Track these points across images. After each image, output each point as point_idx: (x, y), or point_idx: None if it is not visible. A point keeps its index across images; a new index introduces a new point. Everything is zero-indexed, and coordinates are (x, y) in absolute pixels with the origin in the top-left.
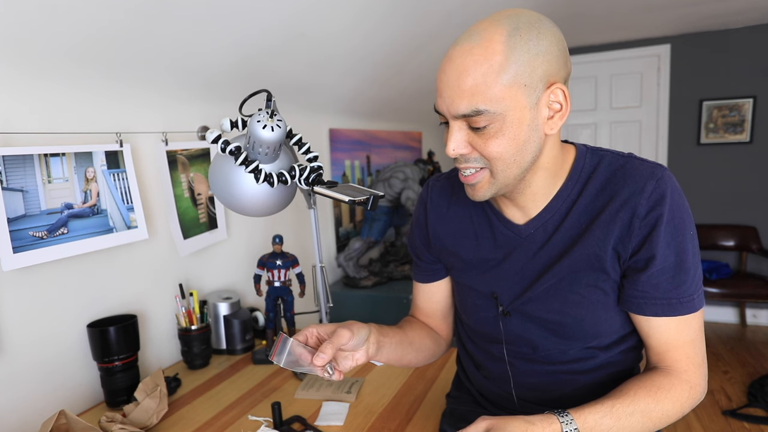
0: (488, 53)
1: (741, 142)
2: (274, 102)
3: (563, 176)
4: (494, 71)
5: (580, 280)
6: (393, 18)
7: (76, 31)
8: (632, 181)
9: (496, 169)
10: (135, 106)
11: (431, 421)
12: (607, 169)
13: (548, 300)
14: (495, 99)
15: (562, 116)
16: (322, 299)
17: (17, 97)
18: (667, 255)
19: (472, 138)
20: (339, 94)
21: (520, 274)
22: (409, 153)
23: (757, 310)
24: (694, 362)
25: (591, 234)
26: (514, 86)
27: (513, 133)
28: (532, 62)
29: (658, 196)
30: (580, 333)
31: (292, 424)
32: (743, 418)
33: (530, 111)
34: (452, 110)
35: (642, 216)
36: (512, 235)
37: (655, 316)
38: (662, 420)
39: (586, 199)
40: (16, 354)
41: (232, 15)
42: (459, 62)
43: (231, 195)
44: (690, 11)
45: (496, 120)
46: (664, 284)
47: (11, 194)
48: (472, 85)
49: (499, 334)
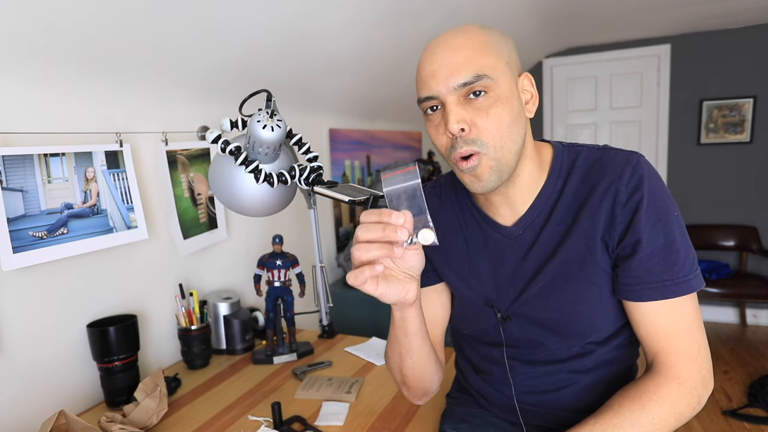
0: (472, 35)
1: (741, 142)
2: (274, 102)
3: (545, 172)
4: (482, 46)
5: (573, 275)
6: (393, 18)
7: (76, 31)
8: (610, 171)
9: (494, 146)
10: (135, 106)
11: (431, 422)
12: (585, 162)
13: (545, 299)
14: (489, 66)
15: (534, 102)
16: (322, 299)
17: (17, 97)
18: (653, 237)
19: (471, 113)
20: (339, 94)
21: (513, 276)
22: (409, 153)
23: (757, 310)
24: (685, 355)
25: (578, 228)
26: (500, 60)
27: (508, 104)
28: (504, 48)
29: (637, 181)
30: (579, 328)
31: (292, 424)
32: (743, 419)
33: (515, 88)
34: (451, 83)
35: (623, 202)
36: (501, 237)
37: (651, 300)
38: (656, 426)
39: (568, 194)
40: (15, 354)
41: (233, 15)
42: (449, 43)
43: (231, 195)
44: (690, 11)
45: (492, 87)
46: (655, 267)
47: (11, 194)
48: (467, 56)
49: (499, 338)
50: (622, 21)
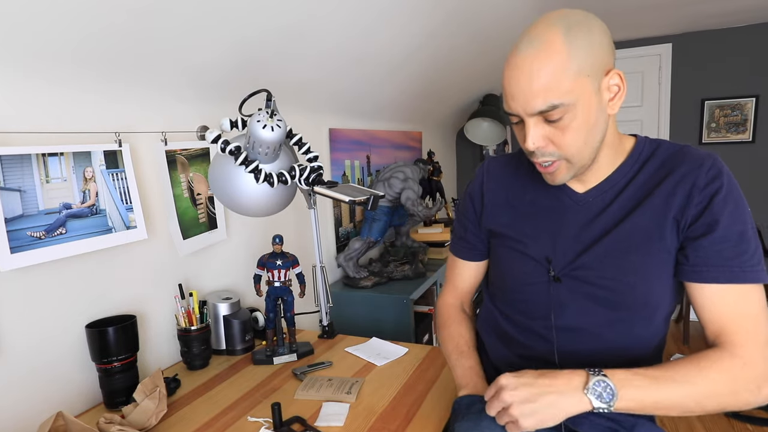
0: (552, 54)
1: (743, 141)
2: (274, 102)
3: (623, 156)
4: (561, 68)
5: (635, 247)
6: (393, 17)
7: (74, 30)
8: (690, 160)
9: (572, 156)
10: (134, 105)
11: (431, 422)
12: (665, 152)
13: (602, 267)
14: (566, 92)
15: (621, 96)
16: (322, 299)
17: (15, 97)
18: (729, 223)
19: (549, 131)
20: (339, 94)
21: (575, 238)
22: (409, 153)
23: None
24: (753, 339)
25: (649, 204)
26: (580, 77)
27: (584, 119)
28: (589, 54)
29: (716, 172)
30: (629, 301)
31: (292, 425)
32: (746, 420)
33: (596, 96)
34: (528, 109)
35: (701, 186)
36: (570, 201)
37: (715, 282)
38: (709, 391)
39: (644, 175)
40: (13, 355)
41: (232, 14)
42: (527, 68)
43: (231, 195)
44: (692, 10)
45: (569, 111)
46: (726, 251)
47: (9, 194)
48: (544, 84)
49: (545, 305)
50: (623, 20)
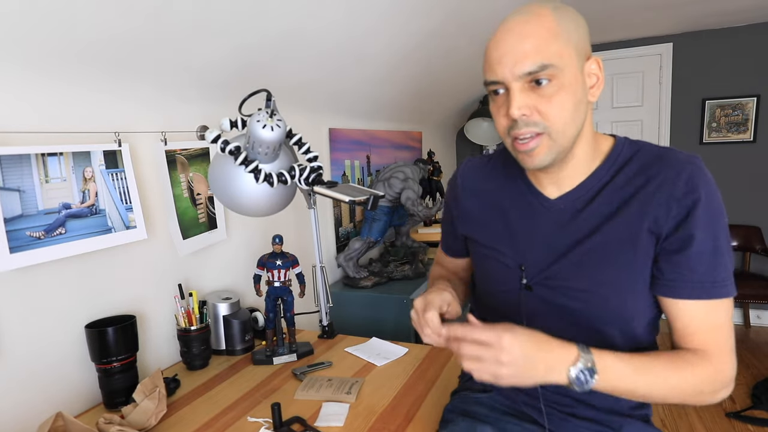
0: (542, 21)
1: (744, 141)
2: (274, 102)
3: (598, 160)
4: (551, 34)
5: (610, 258)
6: (392, 17)
7: (74, 30)
8: (669, 167)
9: (555, 129)
10: (133, 105)
11: (432, 422)
12: (645, 156)
13: (574, 277)
14: (555, 55)
15: (599, 86)
16: (322, 299)
17: (14, 96)
18: (704, 238)
19: (534, 99)
20: (339, 94)
21: (548, 246)
22: (409, 153)
23: (761, 311)
24: (724, 348)
25: (625, 213)
26: (568, 47)
27: (572, 90)
28: (575, 31)
29: (696, 181)
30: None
31: (292, 425)
32: (747, 420)
33: (580, 74)
34: (516, 70)
35: (679, 197)
36: (541, 206)
37: (689, 298)
38: (680, 389)
39: (620, 180)
40: (12, 355)
41: (232, 14)
42: (518, 29)
43: (231, 195)
44: (692, 9)
45: (557, 76)
46: (700, 267)
47: (8, 194)
48: (534, 44)
49: (517, 312)
50: (624, 20)
